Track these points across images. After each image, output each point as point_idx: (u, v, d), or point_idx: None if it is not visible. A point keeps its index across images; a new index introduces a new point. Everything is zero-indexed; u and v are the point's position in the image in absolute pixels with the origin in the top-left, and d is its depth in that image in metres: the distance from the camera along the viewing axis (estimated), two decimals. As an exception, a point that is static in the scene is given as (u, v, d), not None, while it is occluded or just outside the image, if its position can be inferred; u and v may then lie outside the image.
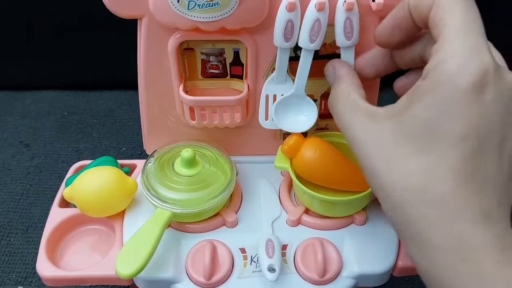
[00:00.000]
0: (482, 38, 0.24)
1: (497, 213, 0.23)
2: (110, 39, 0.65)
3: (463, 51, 0.23)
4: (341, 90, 0.32)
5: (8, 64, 0.72)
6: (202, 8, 0.33)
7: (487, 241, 0.22)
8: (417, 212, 0.24)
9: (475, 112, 0.23)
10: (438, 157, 0.23)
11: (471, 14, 0.25)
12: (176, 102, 0.41)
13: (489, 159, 0.23)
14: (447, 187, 0.23)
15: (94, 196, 0.37)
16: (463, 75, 0.23)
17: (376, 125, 0.27)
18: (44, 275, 0.36)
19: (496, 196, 0.23)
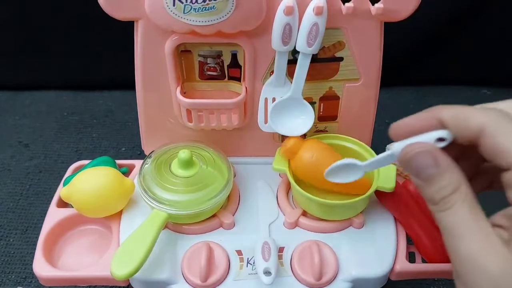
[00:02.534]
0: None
1: None
2: (110, 40, 0.65)
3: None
4: (461, 203, 0.26)
5: (8, 64, 0.73)
6: (198, 12, 0.33)
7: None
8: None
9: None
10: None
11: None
12: (174, 104, 0.41)
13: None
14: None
15: (91, 196, 0.37)
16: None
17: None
18: (41, 275, 0.36)
19: None
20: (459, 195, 0.26)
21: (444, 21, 0.70)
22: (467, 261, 0.25)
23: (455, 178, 0.26)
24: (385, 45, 0.39)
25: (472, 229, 0.25)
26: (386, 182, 0.37)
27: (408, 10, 0.36)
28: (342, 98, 0.42)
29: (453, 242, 0.26)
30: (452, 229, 0.26)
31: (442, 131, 0.27)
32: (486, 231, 0.25)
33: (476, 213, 0.25)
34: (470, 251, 0.25)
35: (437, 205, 0.27)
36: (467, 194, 0.26)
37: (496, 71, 0.75)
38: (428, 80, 0.77)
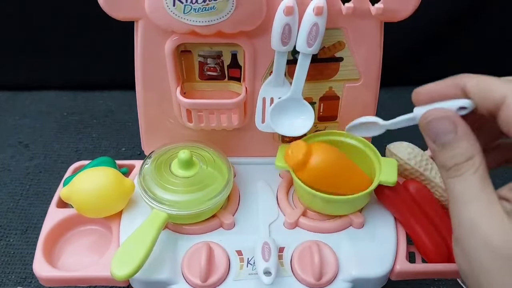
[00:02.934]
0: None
1: None
2: (110, 40, 0.65)
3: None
4: (473, 172, 0.26)
5: (8, 64, 0.73)
6: (198, 12, 0.33)
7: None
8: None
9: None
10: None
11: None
12: (174, 104, 0.41)
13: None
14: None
15: (91, 196, 0.37)
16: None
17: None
18: (41, 275, 0.36)
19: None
20: (472, 164, 0.26)
21: (444, 21, 0.70)
22: (468, 225, 0.25)
23: (471, 147, 0.26)
24: (385, 45, 0.39)
25: (478, 197, 0.26)
26: (389, 176, 0.37)
27: (408, 10, 0.36)
28: (342, 98, 0.42)
29: (458, 207, 0.26)
30: (459, 195, 0.26)
31: (464, 100, 0.27)
32: (491, 200, 0.25)
33: (484, 183, 0.26)
34: (472, 216, 0.25)
35: (449, 171, 0.27)
36: (480, 164, 0.26)
37: (496, 71, 0.75)
38: (428, 80, 0.76)
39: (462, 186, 0.26)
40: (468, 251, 0.25)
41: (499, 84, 0.27)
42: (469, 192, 0.26)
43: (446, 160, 0.27)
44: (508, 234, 0.24)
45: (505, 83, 0.27)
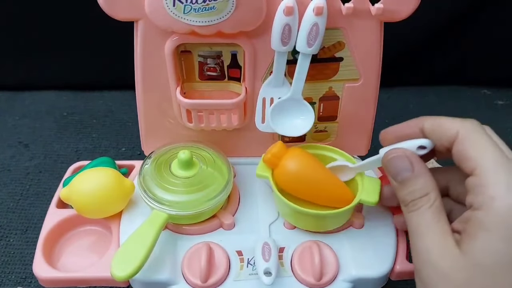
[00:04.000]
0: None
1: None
2: (110, 40, 0.65)
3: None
4: (428, 207, 0.29)
5: (8, 64, 0.72)
6: (198, 12, 0.33)
7: None
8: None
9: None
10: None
11: (500, 148, 0.28)
12: (174, 104, 0.41)
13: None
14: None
15: (91, 197, 0.37)
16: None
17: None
18: (40, 276, 0.36)
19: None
20: (427, 199, 0.28)
21: (444, 21, 0.70)
22: (423, 255, 0.28)
23: (427, 184, 0.29)
24: (385, 45, 0.39)
25: (431, 230, 0.28)
26: (370, 196, 0.36)
27: (408, 10, 0.36)
28: (342, 98, 0.42)
29: (415, 239, 0.28)
30: (415, 228, 0.28)
31: (423, 140, 0.30)
32: (444, 232, 0.27)
33: (439, 217, 0.28)
34: (427, 248, 0.27)
35: (407, 206, 0.29)
36: (435, 199, 0.28)
37: (496, 71, 0.75)
38: (428, 80, 0.77)
39: (418, 220, 0.28)
40: (425, 280, 0.27)
41: (451, 122, 0.29)
42: (424, 225, 0.28)
43: (404, 196, 0.30)
44: (458, 262, 0.26)
45: (457, 121, 0.29)
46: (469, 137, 0.28)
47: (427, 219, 0.28)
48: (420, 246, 0.28)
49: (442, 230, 0.28)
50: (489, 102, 0.75)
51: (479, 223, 0.26)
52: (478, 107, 0.74)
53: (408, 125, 0.32)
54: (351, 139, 0.44)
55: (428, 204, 0.28)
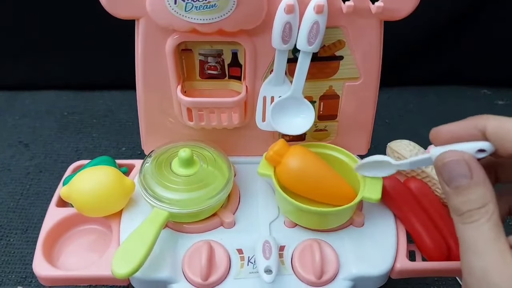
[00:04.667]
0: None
1: None
2: (110, 39, 0.65)
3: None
4: (486, 220, 0.26)
5: (8, 64, 0.73)
6: (199, 10, 0.33)
7: None
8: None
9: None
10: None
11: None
12: (174, 103, 0.41)
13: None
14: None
15: (91, 195, 0.37)
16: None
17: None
18: (40, 274, 0.36)
19: None
20: (485, 211, 0.26)
21: (444, 21, 0.70)
22: (479, 275, 0.25)
23: (485, 194, 0.26)
24: (385, 45, 0.39)
25: (490, 248, 0.25)
26: (372, 193, 0.36)
27: (407, 9, 0.36)
28: (342, 97, 0.42)
29: (469, 256, 0.26)
30: (471, 244, 0.26)
31: (484, 143, 0.27)
32: (503, 250, 0.25)
33: (497, 232, 0.25)
34: (484, 267, 0.25)
35: (461, 216, 0.26)
36: (494, 212, 0.26)
37: (496, 71, 0.75)
38: (428, 80, 0.77)
39: (474, 234, 0.26)
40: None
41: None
42: (481, 241, 0.25)
43: (459, 205, 0.27)
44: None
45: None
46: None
47: (486, 235, 0.25)
48: (476, 265, 0.25)
49: (501, 248, 0.25)
50: (489, 102, 0.76)
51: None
52: (478, 107, 0.74)
53: (465, 125, 0.29)
54: (351, 138, 0.44)
55: (487, 217, 0.26)
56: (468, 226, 0.26)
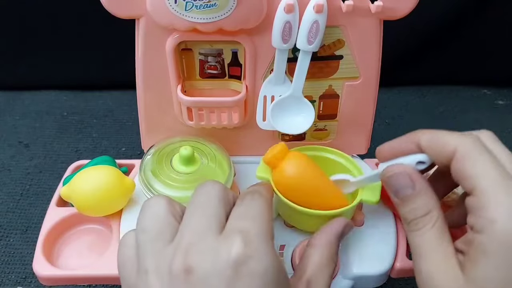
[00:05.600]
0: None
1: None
2: (110, 39, 0.65)
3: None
4: (430, 227, 0.28)
5: (8, 64, 0.73)
6: (199, 9, 0.33)
7: None
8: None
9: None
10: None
11: (501, 165, 0.26)
12: (174, 103, 0.41)
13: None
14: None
15: (91, 195, 0.37)
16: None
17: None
18: (40, 274, 0.36)
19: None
20: (430, 218, 0.28)
21: (444, 21, 0.70)
22: (426, 279, 0.27)
23: (429, 202, 0.28)
24: (385, 45, 0.39)
25: (434, 251, 0.27)
26: (371, 195, 0.36)
27: (407, 8, 0.36)
28: (341, 97, 0.42)
29: (417, 261, 0.28)
30: (418, 249, 0.28)
31: (421, 155, 0.30)
32: (447, 254, 0.27)
33: (442, 238, 0.27)
34: (429, 270, 0.27)
35: (409, 224, 0.29)
36: (438, 218, 0.28)
37: (496, 71, 0.75)
38: (428, 80, 0.77)
39: (420, 240, 0.28)
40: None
41: (450, 137, 0.28)
42: (426, 247, 0.27)
43: (405, 214, 0.29)
44: (461, 286, 0.25)
45: (456, 137, 0.28)
46: (468, 155, 0.27)
47: (430, 241, 0.27)
48: (423, 269, 0.27)
49: (445, 252, 0.27)
50: (489, 102, 0.76)
51: (480, 248, 0.25)
52: (478, 107, 0.74)
53: (404, 140, 0.31)
54: (351, 137, 0.44)
55: (430, 224, 0.27)
56: (414, 233, 0.28)
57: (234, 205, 0.29)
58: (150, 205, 0.28)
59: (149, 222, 0.27)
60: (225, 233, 0.26)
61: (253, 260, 0.24)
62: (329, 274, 0.30)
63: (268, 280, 0.24)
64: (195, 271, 0.24)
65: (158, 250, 0.26)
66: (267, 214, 0.28)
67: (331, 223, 0.33)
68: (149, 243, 0.26)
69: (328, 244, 0.32)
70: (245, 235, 0.25)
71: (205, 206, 0.28)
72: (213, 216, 0.27)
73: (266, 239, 0.26)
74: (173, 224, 0.27)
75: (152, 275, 0.25)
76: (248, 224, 0.26)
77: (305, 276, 0.30)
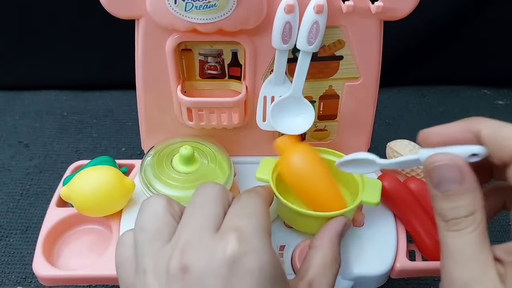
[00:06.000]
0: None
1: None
2: (110, 39, 0.65)
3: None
4: (472, 230, 0.25)
5: (8, 64, 0.73)
6: (199, 10, 0.33)
7: None
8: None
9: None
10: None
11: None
12: (174, 103, 0.41)
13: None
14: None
15: (91, 195, 0.37)
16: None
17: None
18: (40, 274, 0.36)
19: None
20: (472, 220, 0.25)
21: (444, 21, 0.70)
22: (461, 286, 0.24)
23: (475, 202, 0.25)
24: (385, 45, 0.39)
25: (474, 258, 0.24)
26: (371, 197, 0.35)
27: (407, 9, 0.36)
28: (341, 97, 0.42)
29: (451, 264, 0.25)
30: (455, 252, 0.25)
31: (478, 147, 0.25)
32: (487, 262, 0.24)
33: (482, 243, 0.24)
34: (467, 278, 0.24)
35: (447, 222, 0.25)
36: (481, 221, 0.25)
37: (496, 71, 0.75)
38: (428, 80, 0.77)
39: (459, 243, 0.25)
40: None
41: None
42: (466, 251, 0.24)
43: (445, 210, 0.25)
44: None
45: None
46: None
47: (470, 245, 0.24)
48: (458, 276, 0.24)
49: (485, 260, 0.24)
50: (489, 102, 0.76)
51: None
52: (478, 107, 0.74)
53: (459, 126, 0.27)
54: (351, 138, 0.44)
55: (473, 226, 0.24)
56: (453, 233, 0.25)
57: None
58: (149, 204, 0.28)
59: (148, 221, 0.27)
60: (220, 231, 0.26)
61: (248, 256, 0.24)
62: (332, 274, 0.30)
63: (264, 276, 0.24)
64: (191, 270, 0.24)
65: (156, 250, 0.26)
66: (263, 211, 0.28)
67: (330, 223, 0.33)
68: (147, 243, 0.26)
69: (330, 244, 0.31)
70: (240, 233, 0.25)
71: (203, 206, 0.27)
72: (211, 216, 0.27)
73: (262, 236, 0.26)
74: (171, 224, 0.27)
75: (150, 274, 0.25)
76: (244, 222, 0.26)
77: (307, 277, 0.29)
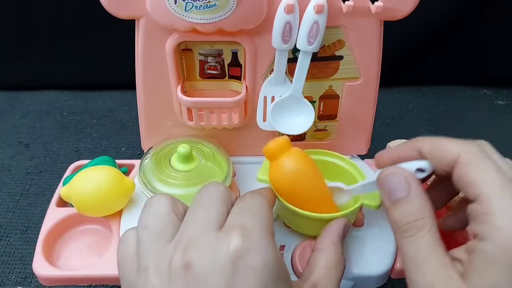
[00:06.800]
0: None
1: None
2: (110, 39, 0.65)
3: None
4: (425, 233, 0.26)
5: (8, 64, 0.73)
6: (199, 10, 0.33)
7: None
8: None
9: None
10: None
11: (504, 173, 0.26)
12: (174, 103, 0.41)
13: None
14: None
15: (91, 195, 0.37)
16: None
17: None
18: (40, 274, 0.36)
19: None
20: (423, 224, 0.26)
21: (444, 21, 0.70)
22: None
23: (423, 208, 0.27)
24: (385, 45, 0.39)
25: (431, 260, 0.26)
26: (372, 200, 0.35)
27: (407, 9, 0.36)
28: (341, 97, 0.42)
29: (412, 270, 0.26)
30: (412, 257, 0.26)
31: (421, 162, 0.29)
32: (445, 263, 0.25)
33: (438, 246, 0.26)
34: (428, 282, 0.25)
35: (400, 229, 0.27)
36: (432, 225, 0.26)
37: (496, 71, 0.75)
38: (428, 80, 0.77)
39: (414, 248, 0.26)
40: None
41: (452, 144, 0.28)
42: (421, 255, 0.26)
43: (397, 217, 0.27)
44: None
45: (458, 144, 0.27)
46: (471, 161, 0.26)
47: (425, 248, 0.26)
48: (420, 280, 0.26)
49: (442, 261, 0.26)
50: (489, 102, 0.76)
51: (485, 256, 0.24)
52: (478, 107, 0.74)
53: (404, 147, 0.30)
54: (351, 138, 0.44)
55: (425, 230, 0.26)
56: (407, 240, 0.27)
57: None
58: (153, 203, 0.28)
59: (151, 219, 0.27)
60: (224, 228, 0.26)
61: (252, 253, 0.24)
62: (337, 276, 0.30)
63: (268, 274, 0.24)
64: (193, 267, 0.24)
65: (159, 248, 0.26)
66: (267, 212, 0.28)
67: (331, 225, 0.33)
68: (150, 241, 0.26)
69: (333, 246, 0.31)
70: (244, 229, 0.25)
71: (207, 205, 0.28)
72: (214, 215, 0.27)
73: (266, 234, 0.26)
74: (175, 223, 0.27)
75: (152, 272, 0.25)
76: (248, 219, 0.26)
77: (312, 279, 0.29)
